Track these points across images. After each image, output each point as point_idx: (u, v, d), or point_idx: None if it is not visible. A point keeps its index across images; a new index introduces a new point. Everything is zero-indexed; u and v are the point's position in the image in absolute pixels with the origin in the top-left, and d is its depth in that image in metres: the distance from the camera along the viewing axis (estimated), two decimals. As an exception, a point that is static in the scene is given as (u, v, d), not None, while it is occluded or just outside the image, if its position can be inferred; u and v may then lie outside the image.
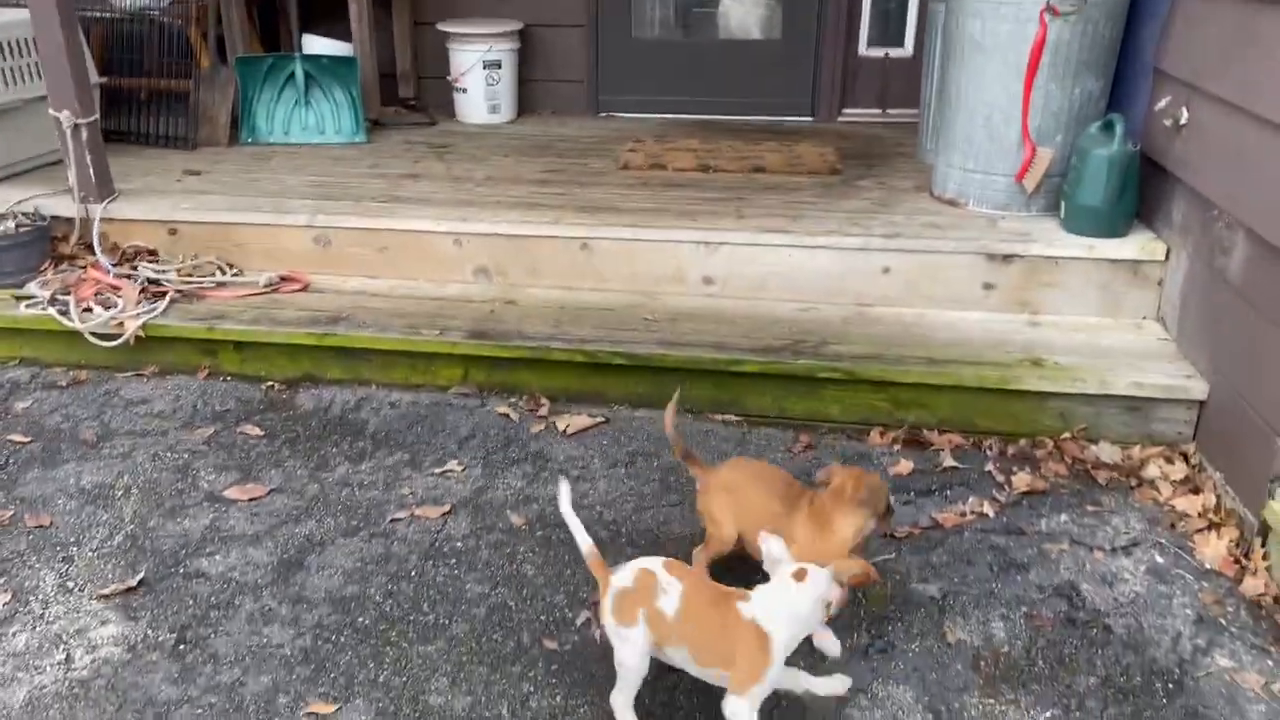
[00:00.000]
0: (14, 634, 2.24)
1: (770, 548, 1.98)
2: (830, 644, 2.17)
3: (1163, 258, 3.12)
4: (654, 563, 1.98)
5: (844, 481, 2.15)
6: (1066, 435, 2.92)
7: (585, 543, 2.02)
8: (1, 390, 3.27)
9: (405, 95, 5.17)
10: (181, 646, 2.20)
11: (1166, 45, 3.10)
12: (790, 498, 2.23)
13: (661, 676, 2.04)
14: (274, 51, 5.03)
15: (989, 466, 2.83)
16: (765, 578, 1.99)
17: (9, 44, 3.89)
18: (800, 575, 1.91)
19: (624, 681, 1.96)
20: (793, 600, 1.89)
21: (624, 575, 1.96)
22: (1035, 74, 3.23)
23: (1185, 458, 2.83)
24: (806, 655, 2.13)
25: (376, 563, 2.45)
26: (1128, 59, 3.33)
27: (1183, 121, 2.94)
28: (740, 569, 2.22)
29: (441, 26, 4.89)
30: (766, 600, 1.91)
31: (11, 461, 2.88)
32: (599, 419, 3.05)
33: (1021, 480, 2.75)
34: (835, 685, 2.03)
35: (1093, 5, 3.14)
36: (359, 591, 2.36)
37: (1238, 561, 2.46)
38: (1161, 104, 3.06)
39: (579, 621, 2.27)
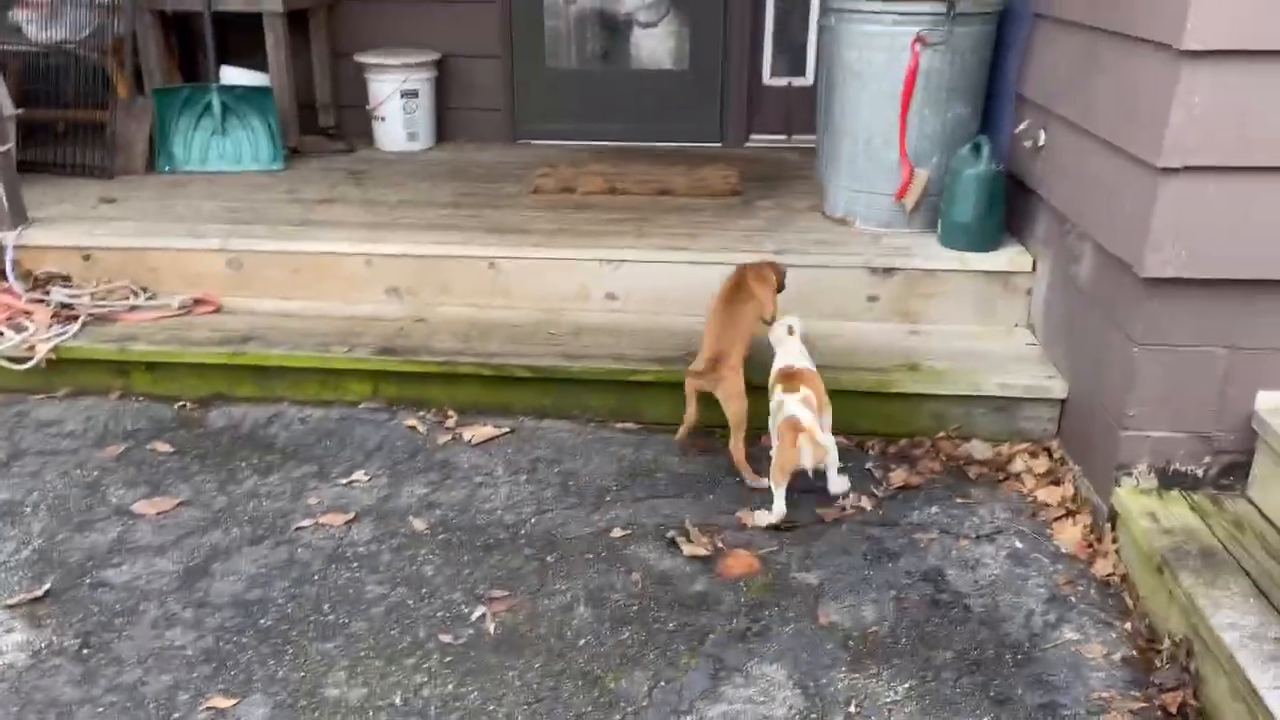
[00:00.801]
0: (-81, 645, 2.30)
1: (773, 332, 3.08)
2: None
3: (1030, 269, 3.35)
4: None
5: (758, 268, 3.12)
6: (941, 434, 3.12)
7: None
8: (-89, 415, 3.30)
9: (324, 124, 5.28)
10: (85, 651, 2.28)
11: (1025, 72, 3.35)
12: (738, 302, 3.06)
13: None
14: (192, 82, 5.11)
15: (869, 465, 3.01)
16: None
17: (-79, 75, 3.93)
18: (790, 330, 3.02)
19: None
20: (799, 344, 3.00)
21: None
22: (910, 100, 3.46)
23: (1049, 452, 3.05)
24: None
25: (280, 568, 2.55)
26: (994, 85, 3.58)
27: (1041, 143, 3.18)
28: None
29: (359, 58, 5.02)
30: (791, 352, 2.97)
31: (-80, 484, 2.93)
32: (505, 429, 3.18)
33: (898, 476, 2.94)
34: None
35: (959, 35, 3.39)
36: (262, 595, 2.45)
37: (1090, 545, 2.66)
38: (1022, 126, 3.30)
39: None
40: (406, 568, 2.56)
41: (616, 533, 2.71)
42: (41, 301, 3.50)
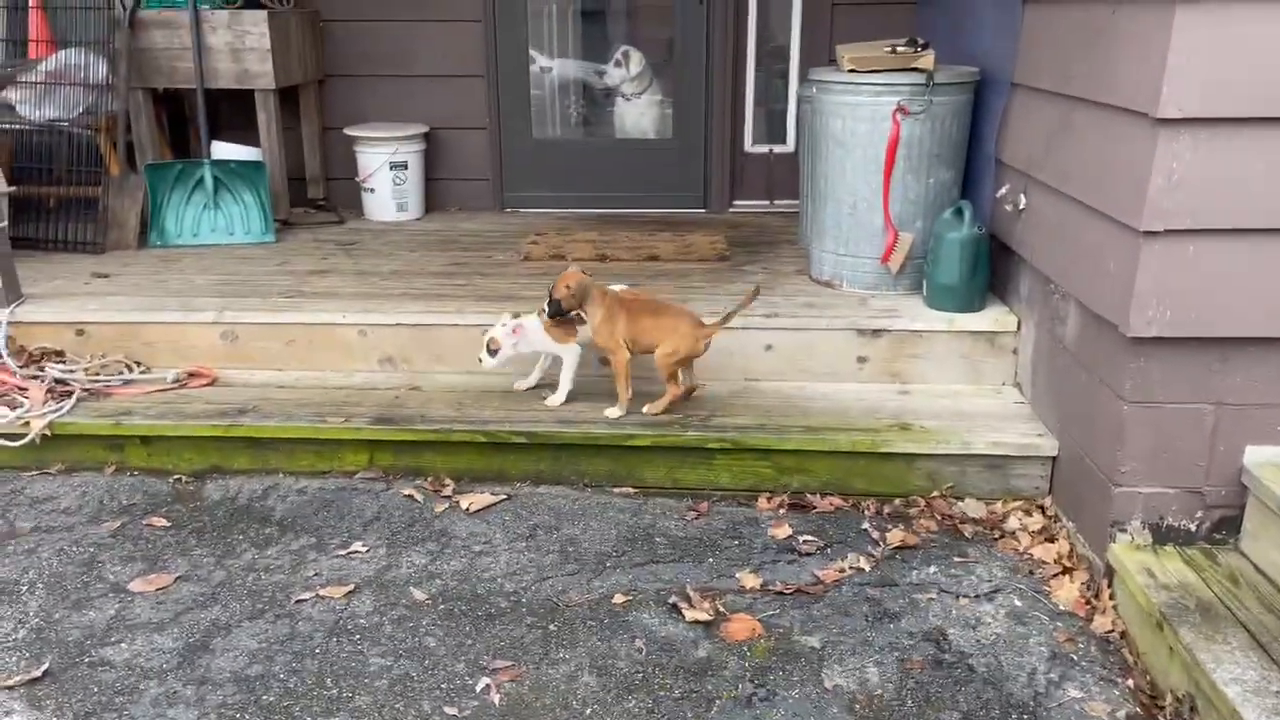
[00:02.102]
0: (-87, 731, 2.26)
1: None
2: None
3: (1015, 329, 3.43)
4: None
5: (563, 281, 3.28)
6: (935, 494, 3.16)
7: None
8: (-98, 494, 3.27)
9: (315, 196, 5.35)
10: (85, 733, 2.25)
11: (1004, 138, 3.46)
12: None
13: None
14: (184, 157, 5.18)
15: (865, 525, 3.04)
16: None
17: (-84, 155, 3.97)
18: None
19: None
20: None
21: None
22: (893, 166, 3.56)
23: (1042, 510, 3.09)
24: (692, 705, 2.27)
25: (281, 642, 2.53)
26: (974, 151, 3.69)
27: (1021, 206, 3.28)
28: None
29: (349, 131, 5.11)
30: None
31: (-88, 564, 2.89)
32: (502, 496, 3.19)
33: (895, 536, 2.96)
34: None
35: (939, 105, 3.50)
36: (263, 670, 2.43)
37: (1088, 602, 2.69)
38: (1003, 191, 3.40)
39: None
40: (408, 639, 2.55)
41: (618, 599, 2.71)
42: (36, 378, 3.50)
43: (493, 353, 3.31)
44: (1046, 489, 3.12)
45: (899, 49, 3.55)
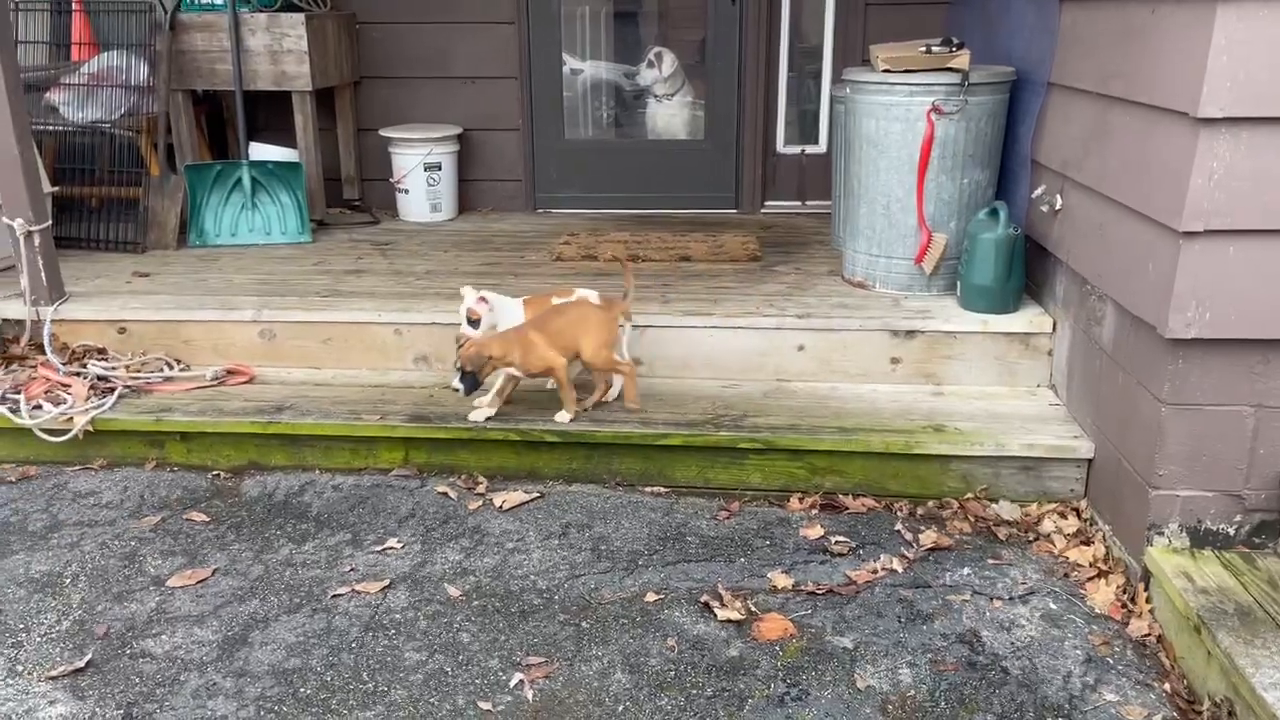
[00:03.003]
0: (-38, 718, 2.31)
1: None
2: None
3: (1050, 330, 3.40)
4: None
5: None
6: (969, 495, 3.14)
7: None
8: (-51, 487, 3.35)
9: (350, 197, 5.41)
10: (128, 722, 2.29)
11: (1040, 138, 3.44)
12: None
13: None
14: (223, 158, 5.25)
15: (898, 526, 3.03)
16: None
17: (-36, 156, 4.06)
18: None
19: None
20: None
21: None
22: (927, 167, 3.54)
23: (1078, 512, 3.06)
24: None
25: (318, 636, 2.57)
26: (1010, 151, 3.67)
27: (1057, 206, 3.25)
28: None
29: (384, 132, 5.16)
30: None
31: (-41, 555, 2.96)
32: (534, 494, 3.21)
33: (928, 538, 2.95)
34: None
35: (973, 105, 3.48)
36: (301, 664, 2.47)
37: (1124, 606, 2.66)
38: (1038, 191, 3.37)
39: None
40: (443, 635, 2.57)
41: (650, 597, 2.72)
42: (79, 374, 3.56)
43: (473, 323, 3.31)
44: (1082, 492, 3.09)
45: (934, 49, 3.53)
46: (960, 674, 2.43)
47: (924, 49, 3.55)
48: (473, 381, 3.13)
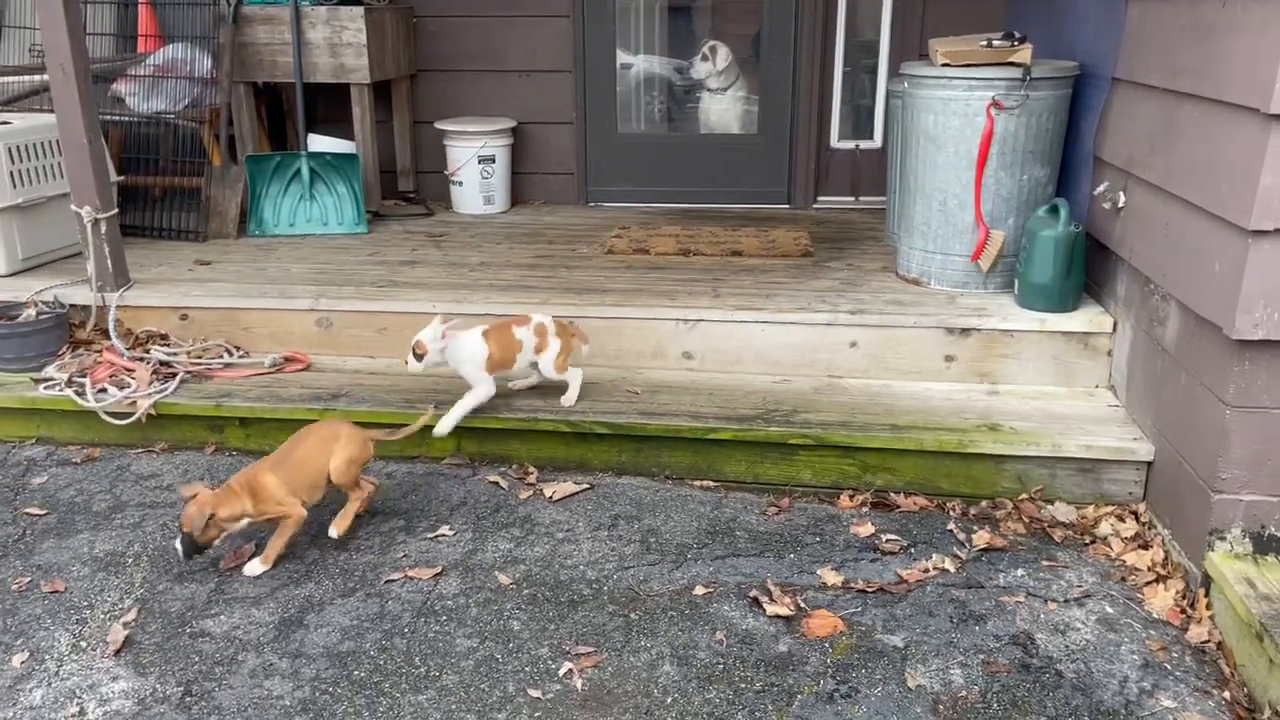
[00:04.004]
0: (31, 689, 2.38)
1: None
2: None
3: (1110, 330, 3.34)
4: None
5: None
6: (1024, 496, 3.10)
7: None
8: (19, 467, 3.45)
9: (405, 188, 5.47)
10: (188, 699, 2.34)
11: (1104, 135, 3.37)
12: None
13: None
14: (282, 149, 5.34)
15: (951, 526, 3.00)
16: None
17: (37, 146, 4.18)
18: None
19: None
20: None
21: None
22: (985, 163, 3.50)
23: (1136, 516, 3.01)
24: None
25: (371, 621, 2.61)
26: (1072, 147, 3.60)
27: (1120, 204, 3.19)
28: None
29: (439, 125, 5.21)
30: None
31: (29, 533, 3.05)
32: (584, 486, 3.23)
33: (981, 538, 2.92)
34: None
35: (1035, 100, 3.43)
36: (355, 647, 2.51)
37: (1184, 611, 2.61)
38: (1101, 188, 3.31)
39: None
40: (493, 622, 2.60)
41: (699, 590, 2.72)
42: (142, 359, 3.65)
43: (418, 357, 3.16)
44: (1141, 495, 3.04)
45: (995, 42, 3.48)
46: (1013, 676, 2.40)
47: (985, 43, 3.50)
48: (191, 544, 2.67)
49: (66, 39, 3.56)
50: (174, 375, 3.60)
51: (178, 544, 2.70)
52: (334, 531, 2.92)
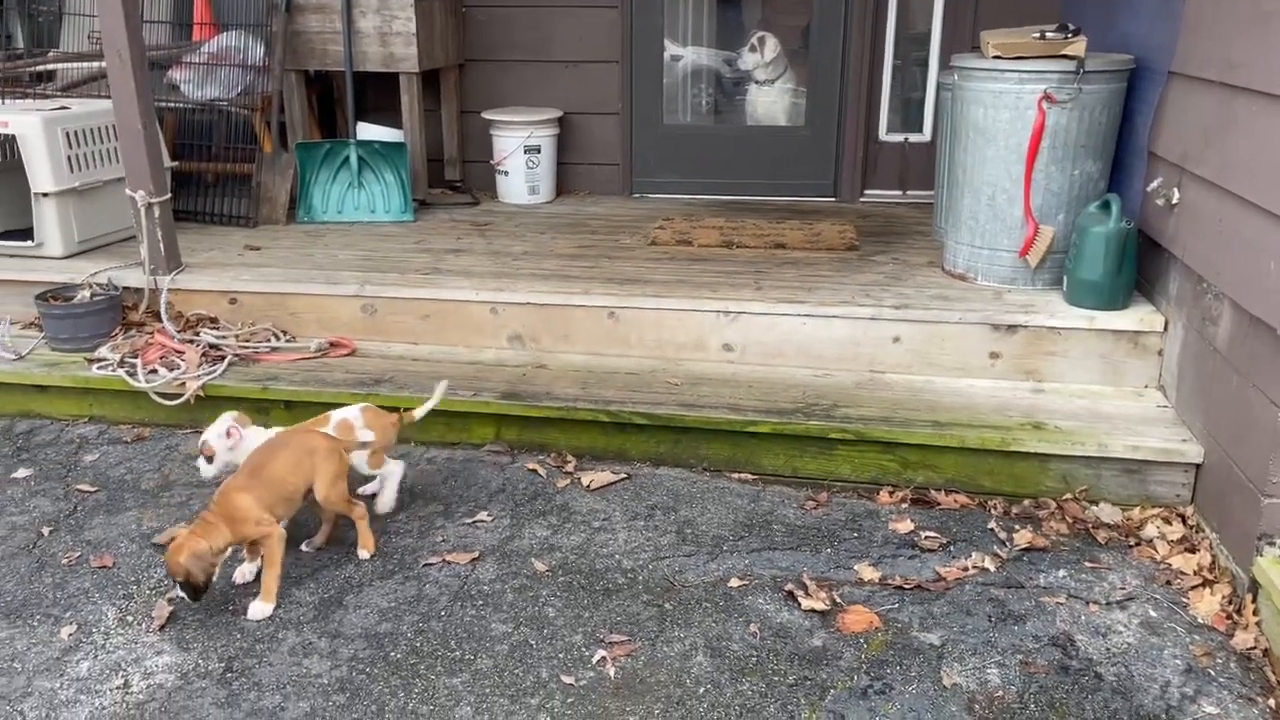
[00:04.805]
0: (78, 661, 2.44)
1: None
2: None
3: (1161, 329, 3.27)
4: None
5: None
6: (1068, 496, 3.05)
7: None
8: (72, 445, 3.53)
9: (451, 177, 5.51)
10: (229, 675, 2.39)
11: (1158, 130, 3.30)
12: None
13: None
14: (331, 137, 5.41)
15: (992, 524, 2.96)
16: None
17: (94, 131, 4.27)
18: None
19: None
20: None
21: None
22: (1036, 157, 3.44)
23: (1183, 519, 2.95)
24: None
25: (409, 603, 2.64)
26: (1125, 142, 3.53)
27: (1174, 201, 3.12)
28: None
29: (486, 115, 5.24)
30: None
31: (79, 509, 3.12)
32: (621, 475, 3.24)
33: (1023, 537, 2.88)
34: None
35: (1088, 93, 3.36)
36: (392, 628, 2.54)
37: (1230, 617, 2.56)
38: (1154, 184, 3.24)
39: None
40: (529, 608, 2.62)
41: (734, 582, 2.72)
42: (192, 342, 3.72)
43: (208, 459, 2.84)
44: (1189, 497, 2.97)
45: (1048, 35, 3.42)
46: (1052, 677, 2.37)
47: (1038, 35, 3.44)
48: (191, 589, 2.51)
49: (123, 26, 3.63)
50: (222, 358, 3.66)
51: (179, 592, 2.53)
52: (363, 553, 2.81)
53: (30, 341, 3.88)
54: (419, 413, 3.05)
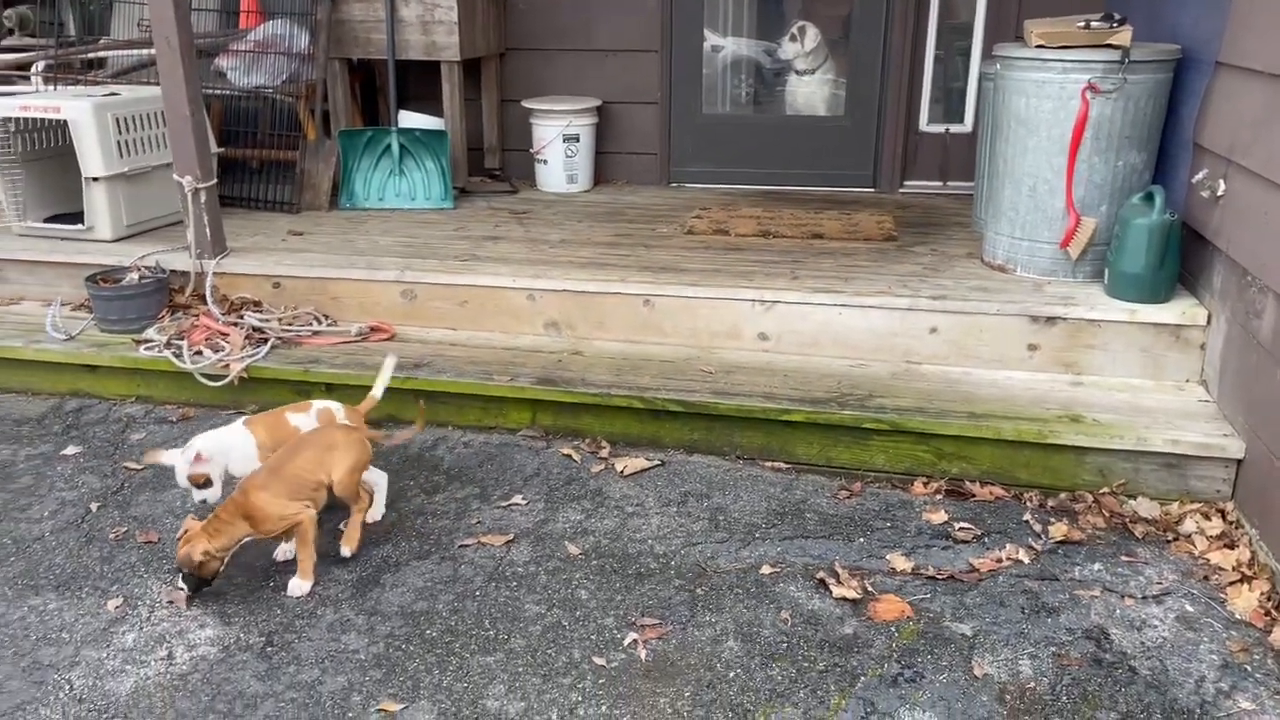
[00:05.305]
0: (124, 633, 2.51)
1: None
2: None
3: (1204, 322, 3.23)
4: None
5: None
6: (1105, 490, 3.02)
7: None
8: (120, 424, 3.62)
9: (491, 166, 5.55)
10: (269, 649, 2.44)
11: (1204, 121, 3.25)
12: None
13: (698, 690, 2.21)
14: (373, 125, 5.47)
15: (1027, 517, 2.94)
16: None
17: (143, 117, 4.36)
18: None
19: None
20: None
21: None
22: (1079, 148, 3.40)
23: (1223, 514, 2.91)
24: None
25: (445, 583, 2.68)
26: (1170, 133, 3.48)
27: (1219, 193, 3.08)
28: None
29: (526, 103, 5.27)
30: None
31: (126, 486, 3.20)
32: (655, 462, 3.26)
33: (1058, 530, 2.86)
34: None
35: (1134, 83, 3.32)
36: (428, 607, 2.58)
37: (1269, 614, 2.53)
38: (1199, 176, 3.20)
39: (626, 641, 2.47)
40: (562, 590, 2.65)
41: (765, 570, 2.73)
42: (236, 324, 3.79)
43: (205, 486, 2.73)
44: (1229, 493, 2.94)
45: (1093, 24, 3.38)
46: (1084, 670, 2.36)
47: (1082, 24, 3.40)
48: (195, 581, 2.55)
49: (172, 14, 3.70)
50: (265, 340, 3.73)
51: (181, 582, 2.56)
52: (346, 550, 2.76)
53: (80, 322, 3.98)
54: (378, 391, 3.04)
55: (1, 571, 2.76)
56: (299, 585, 2.65)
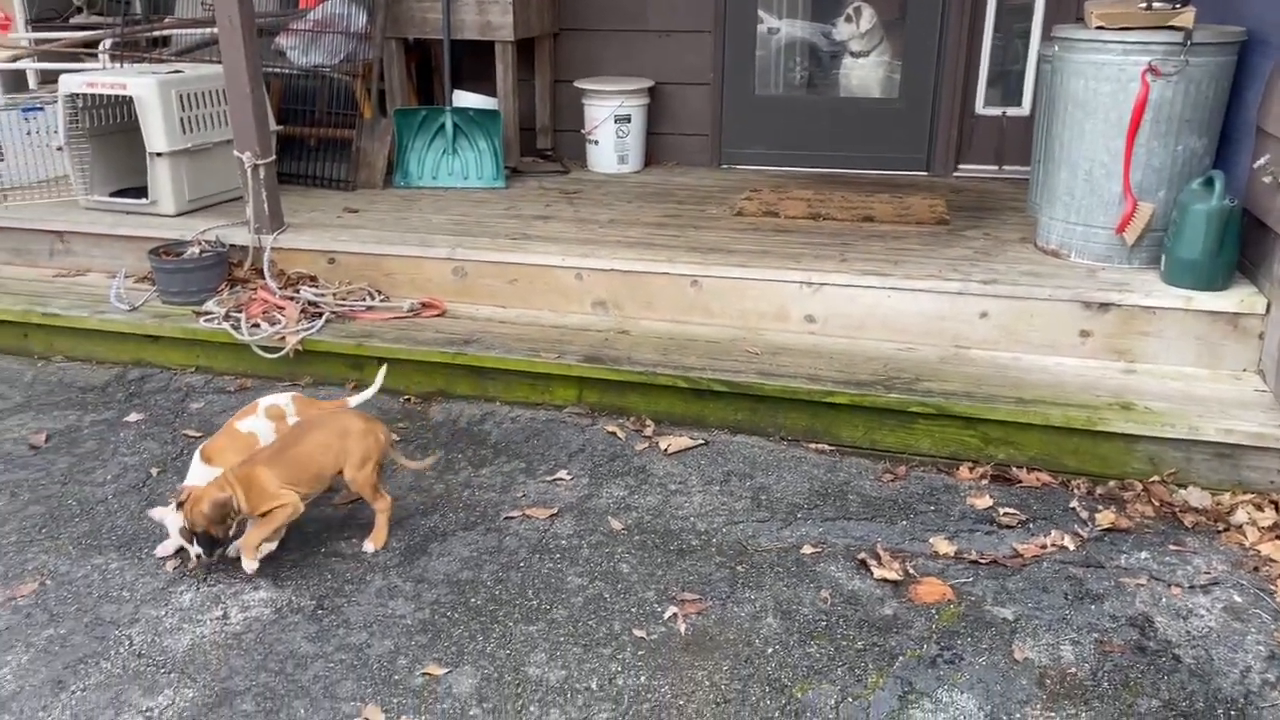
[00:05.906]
0: (181, 593, 2.60)
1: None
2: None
3: (1263, 311, 3.16)
4: None
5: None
6: (1155, 478, 2.98)
7: None
8: (180, 393, 3.73)
9: (542, 146, 5.59)
10: (319, 611, 2.52)
11: (1269, 105, 3.17)
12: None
13: (736, 664, 2.24)
14: (428, 104, 5.53)
15: (1074, 504, 2.92)
16: None
17: (205, 94, 4.46)
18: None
19: None
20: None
21: None
22: (1137, 131, 3.34)
23: (1276, 506, 2.86)
24: (874, 657, 2.28)
25: (490, 553, 2.73)
26: (1232, 118, 3.40)
27: (1283, 178, 3.01)
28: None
29: (578, 84, 5.29)
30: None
31: (185, 452, 3.30)
32: (699, 441, 3.28)
33: (1105, 518, 2.83)
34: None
35: (1195, 66, 3.25)
36: (473, 576, 2.64)
37: (1321, 607, 2.49)
38: (1261, 161, 3.12)
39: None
40: (604, 563, 2.69)
41: (806, 549, 2.74)
42: (292, 299, 3.88)
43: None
44: (1284, 485, 2.89)
45: (1155, 5, 3.32)
46: (1127, 657, 2.34)
47: (1144, 5, 3.34)
48: (208, 540, 2.53)
49: (235, -7, 3.78)
50: (320, 315, 3.81)
51: (196, 546, 2.55)
52: (369, 546, 2.74)
53: (143, 294, 4.10)
54: (354, 400, 2.96)
55: (67, 531, 2.87)
56: (249, 564, 2.56)
